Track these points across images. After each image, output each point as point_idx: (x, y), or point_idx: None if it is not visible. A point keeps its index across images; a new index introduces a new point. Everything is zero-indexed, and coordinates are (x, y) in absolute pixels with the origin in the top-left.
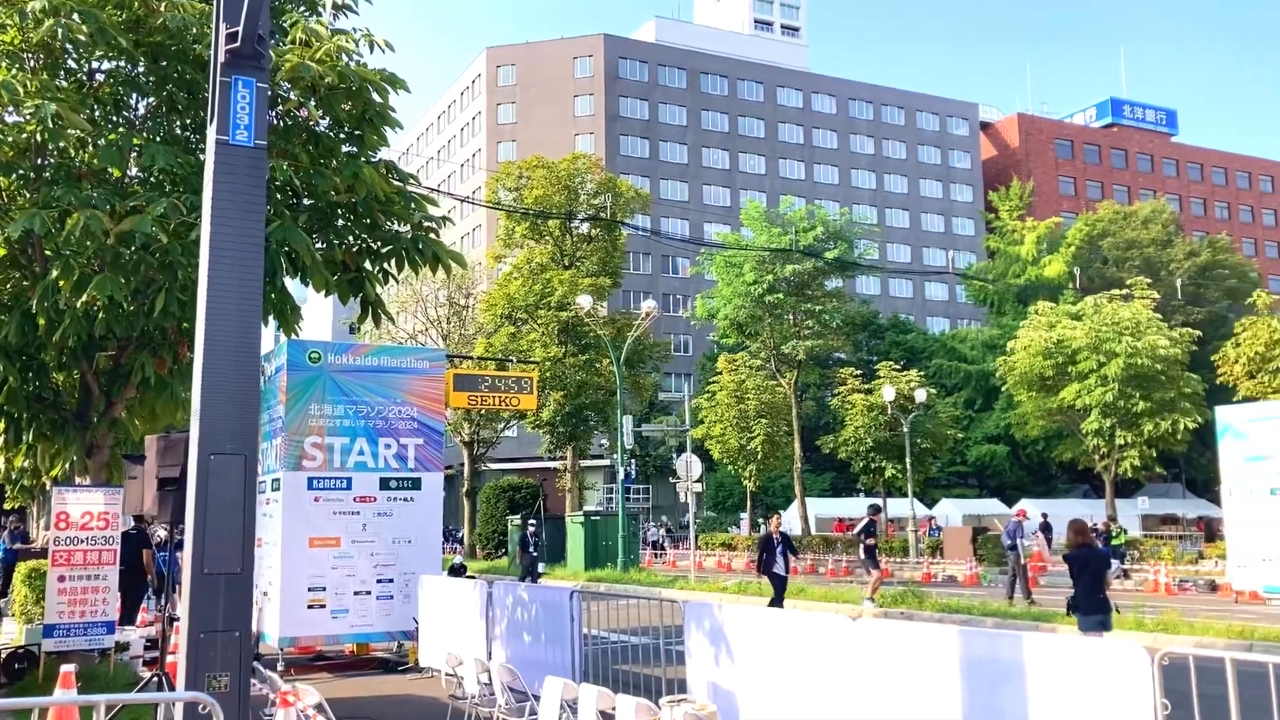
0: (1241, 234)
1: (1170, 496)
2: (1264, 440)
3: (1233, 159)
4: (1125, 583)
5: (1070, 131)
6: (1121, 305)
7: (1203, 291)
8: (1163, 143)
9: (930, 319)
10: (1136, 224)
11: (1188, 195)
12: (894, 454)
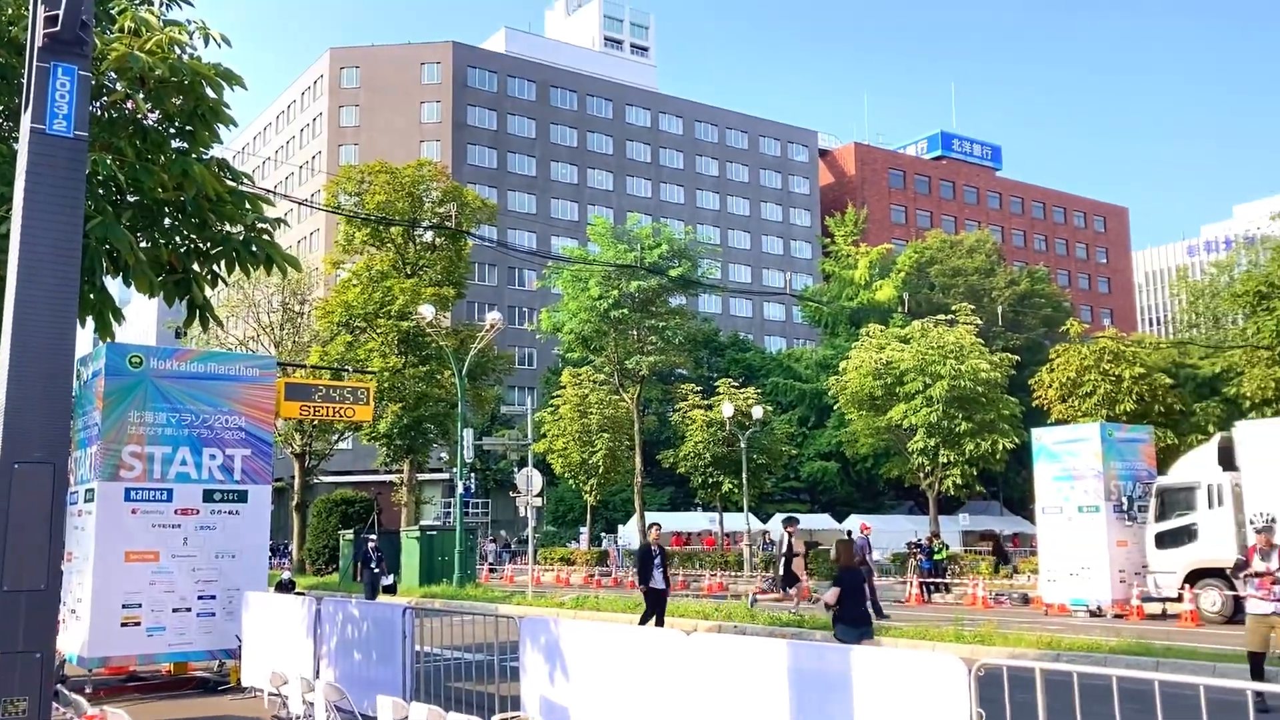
0: (1057, 266)
1: (989, 514)
2: (1073, 461)
3: (1051, 194)
4: (946, 596)
5: (903, 162)
6: (947, 330)
7: (1021, 319)
8: (988, 176)
9: (768, 338)
10: (962, 253)
11: (1010, 227)
12: (731, 469)
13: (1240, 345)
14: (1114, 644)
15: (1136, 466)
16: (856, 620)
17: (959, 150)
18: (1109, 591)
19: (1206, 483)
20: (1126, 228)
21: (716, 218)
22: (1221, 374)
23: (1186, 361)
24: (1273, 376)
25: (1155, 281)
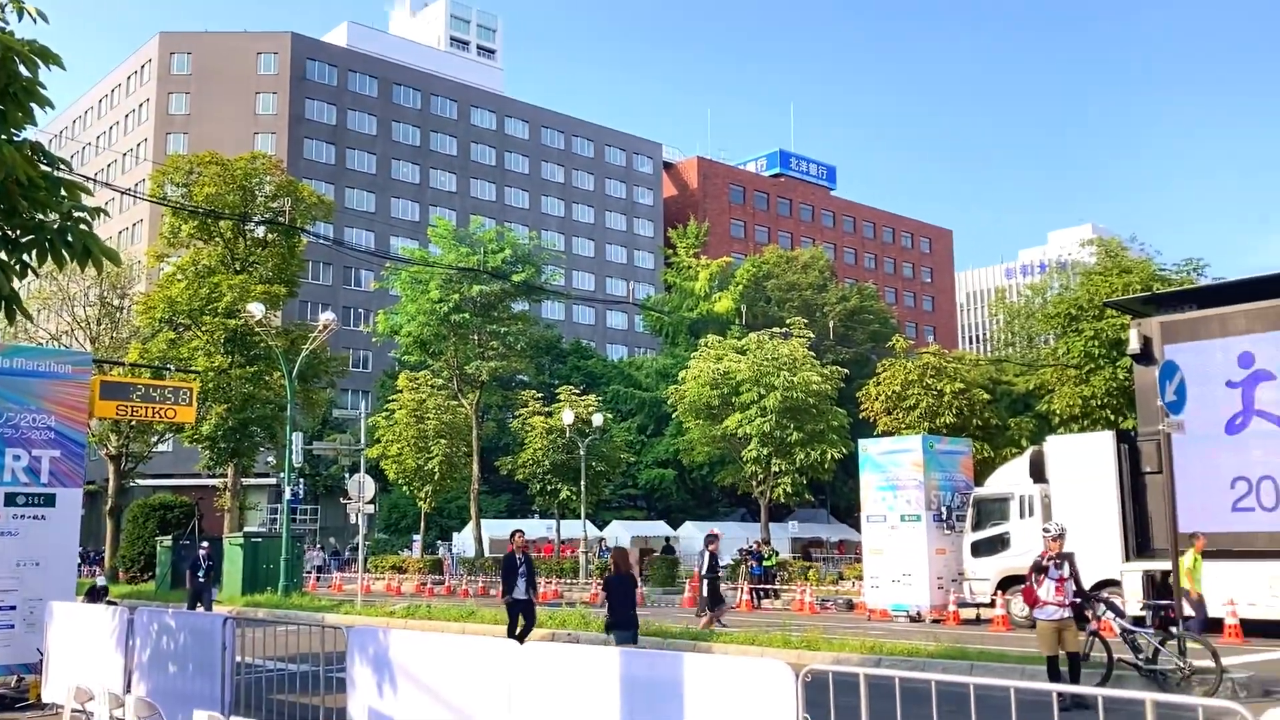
0: (886, 283)
1: (817, 521)
2: (896, 471)
3: (881, 215)
4: (775, 602)
5: (743, 178)
6: (781, 342)
7: (851, 333)
8: (823, 195)
9: (610, 346)
10: (797, 268)
11: (842, 245)
12: (570, 476)
13: (1051, 364)
14: (933, 648)
15: (955, 477)
16: (626, 623)
17: (796, 169)
18: (928, 597)
19: (1019, 494)
20: (950, 249)
21: (561, 224)
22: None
23: (1003, 378)
24: (1080, 394)
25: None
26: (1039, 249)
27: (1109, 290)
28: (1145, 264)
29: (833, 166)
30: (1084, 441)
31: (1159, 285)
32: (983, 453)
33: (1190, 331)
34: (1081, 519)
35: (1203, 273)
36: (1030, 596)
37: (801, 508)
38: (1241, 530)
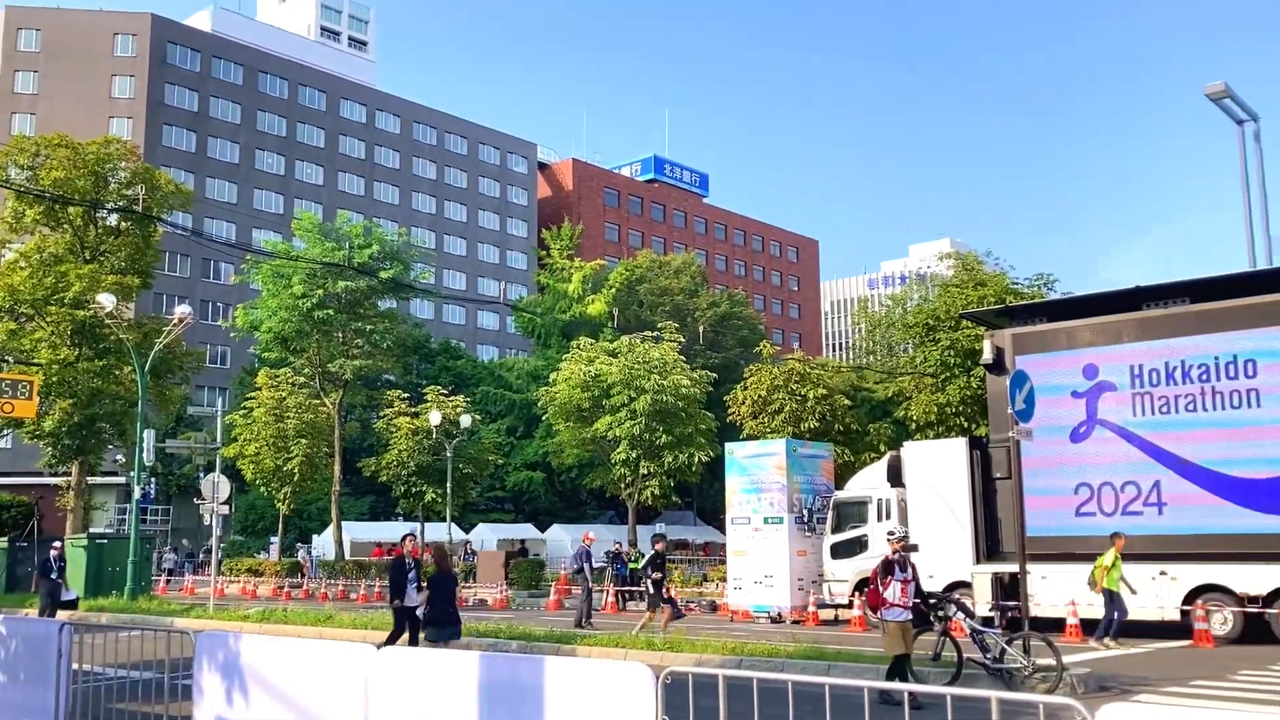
0: (755, 290)
1: (684, 523)
2: (760, 474)
3: (752, 224)
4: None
5: (618, 182)
6: (652, 346)
7: (720, 339)
8: (696, 202)
9: (481, 347)
10: (670, 273)
11: (714, 252)
12: (435, 478)
13: (910, 372)
14: (792, 649)
15: (817, 481)
16: (445, 621)
17: (670, 175)
18: (789, 599)
19: (877, 497)
20: (816, 259)
21: (433, 221)
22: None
23: (864, 385)
24: (936, 401)
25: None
26: (900, 261)
27: (965, 302)
28: (1000, 278)
29: (706, 174)
30: (939, 447)
31: (1012, 298)
32: (843, 457)
33: (1040, 343)
34: (936, 522)
35: (1052, 287)
36: (875, 599)
37: (669, 510)
38: (1083, 534)
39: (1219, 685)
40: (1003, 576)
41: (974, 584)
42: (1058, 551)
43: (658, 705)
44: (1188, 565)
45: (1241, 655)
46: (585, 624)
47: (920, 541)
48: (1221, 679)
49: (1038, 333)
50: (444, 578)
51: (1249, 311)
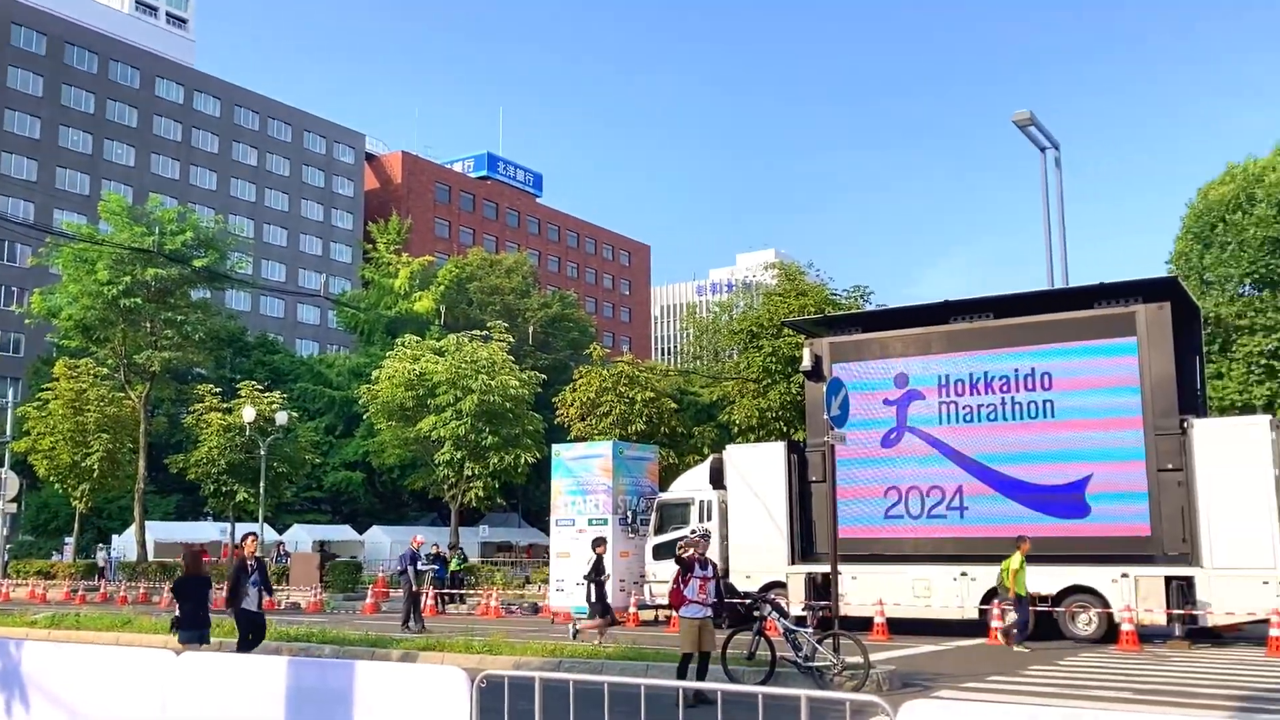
0: (586, 293)
1: (509, 525)
2: (586, 476)
3: (585, 226)
4: (461, 607)
5: (450, 177)
6: (481, 345)
7: (551, 340)
8: (529, 202)
9: (301, 341)
10: (501, 272)
11: (547, 252)
12: (248, 477)
13: (734, 377)
14: (611, 650)
15: (642, 483)
16: (195, 624)
17: (504, 173)
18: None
19: (699, 499)
20: (648, 264)
21: (252, 210)
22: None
23: (690, 389)
24: (758, 406)
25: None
26: (728, 269)
27: (787, 311)
28: (820, 288)
29: (540, 174)
30: (759, 450)
31: (831, 309)
32: (669, 459)
33: (856, 352)
34: (754, 524)
35: (868, 299)
36: (677, 597)
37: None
38: (891, 536)
39: (1012, 680)
40: (816, 577)
41: (789, 584)
42: (867, 553)
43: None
44: (986, 566)
45: (1032, 651)
46: (413, 626)
47: (739, 543)
48: (1014, 675)
49: (854, 342)
50: (195, 580)
51: (1046, 327)
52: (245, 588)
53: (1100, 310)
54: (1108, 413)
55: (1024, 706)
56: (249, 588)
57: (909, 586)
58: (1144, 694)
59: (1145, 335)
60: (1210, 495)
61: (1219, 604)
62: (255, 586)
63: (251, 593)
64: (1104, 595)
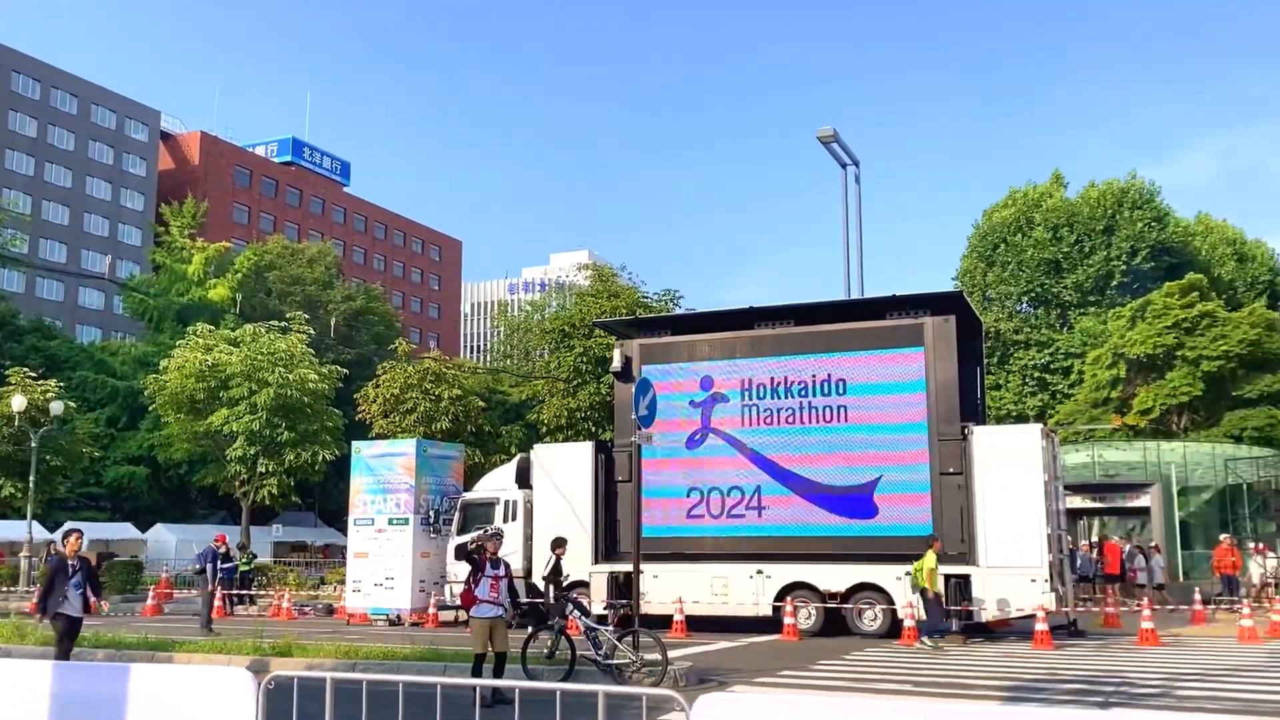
0: (394, 287)
1: (304, 524)
2: (388, 474)
3: (395, 218)
4: (251, 608)
5: (251, 161)
6: (279, 337)
7: (354, 334)
8: (336, 190)
9: (82, 327)
10: (303, 262)
11: (352, 243)
12: (16, 471)
13: (544, 377)
14: (409, 651)
15: (446, 482)
16: None
17: (310, 160)
18: (409, 601)
19: (504, 498)
20: (459, 259)
21: (30, 184)
22: (527, 401)
23: (499, 388)
24: (567, 406)
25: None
26: (542, 268)
27: (599, 312)
28: (632, 291)
29: (348, 162)
30: (566, 450)
31: (642, 311)
32: (474, 458)
33: (664, 355)
34: (560, 523)
35: (678, 303)
36: (469, 597)
37: (289, 510)
38: (693, 535)
39: (802, 674)
40: (619, 576)
41: (592, 583)
42: (669, 552)
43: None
44: (781, 565)
45: (822, 646)
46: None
47: (545, 542)
48: (804, 669)
49: (662, 344)
50: None
51: (842, 335)
52: (65, 590)
53: (892, 321)
54: (896, 418)
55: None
56: (69, 590)
57: (708, 585)
58: (922, 685)
59: (932, 346)
60: (986, 498)
61: (992, 601)
62: (78, 589)
63: (73, 595)
64: (889, 592)
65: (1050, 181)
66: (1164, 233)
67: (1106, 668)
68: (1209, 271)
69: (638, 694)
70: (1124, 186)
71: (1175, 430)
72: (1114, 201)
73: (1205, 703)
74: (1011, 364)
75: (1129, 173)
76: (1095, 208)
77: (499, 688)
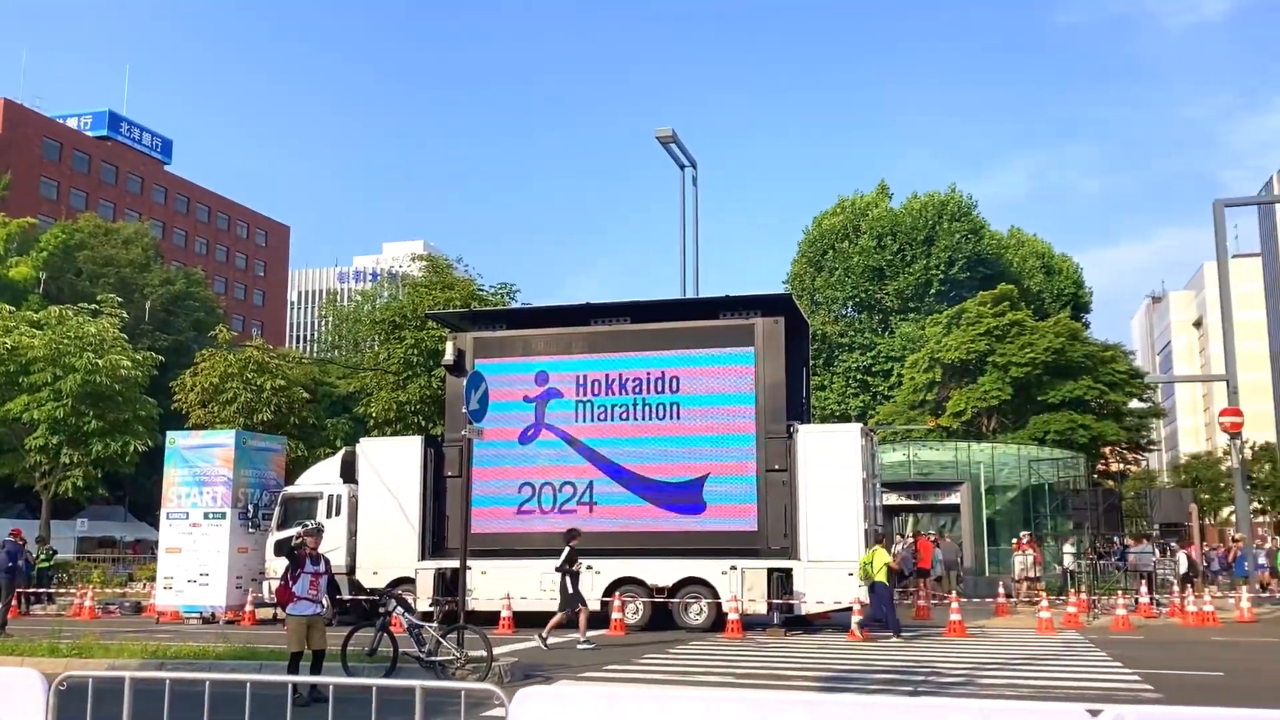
0: (216, 271)
1: (112, 519)
2: (205, 467)
3: (219, 200)
4: (50, 606)
5: (62, 133)
6: (89, 320)
7: (173, 319)
8: (156, 168)
9: None
10: (118, 242)
11: (173, 224)
12: None
13: (373, 369)
14: (222, 650)
15: (266, 475)
16: None
17: (128, 135)
18: (224, 598)
19: (328, 493)
20: (287, 245)
21: None
22: (355, 394)
23: (326, 379)
24: (396, 399)
25: (308, 301)
26: (374, 257)
27: (432, 303)
28: (467, 283)
29: (170, 139)
30: (395, 444)
31: (477, 304)
32: (297, 451)
33: (499, 349)
34: (386, 518)
35: (514, 297)
36: (286, 594)
37: (95, 504)
38: (523, 531)
39: (627, 668)
40: (445, 572)
41: (418, 580)
42: (499, 548)
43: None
44: (610, 560)
45: (648, 640)
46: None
47: (369, 539)
48: (629, 662)
49: (497, 338)
50: None
51: (676, 334)
52: None
53: (724, 321)
54: (725, 416)
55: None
56: None
57: (537, 581)
58: (743, 677)
59: (762, 346)
60: (809, 494)
61: (812, 594)
62: None
63: None
64: (714, 586)
65: (876, 192)
66: (980, 244)
67: (917, 658)
68: (1019, 283)
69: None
70: (944, 199)
71: (985, 432)
72: (934, 213)
73: (1004, 689)
74: (836, 366)
75: (949, 186)
76: (917, 218)
77: (316, 685)
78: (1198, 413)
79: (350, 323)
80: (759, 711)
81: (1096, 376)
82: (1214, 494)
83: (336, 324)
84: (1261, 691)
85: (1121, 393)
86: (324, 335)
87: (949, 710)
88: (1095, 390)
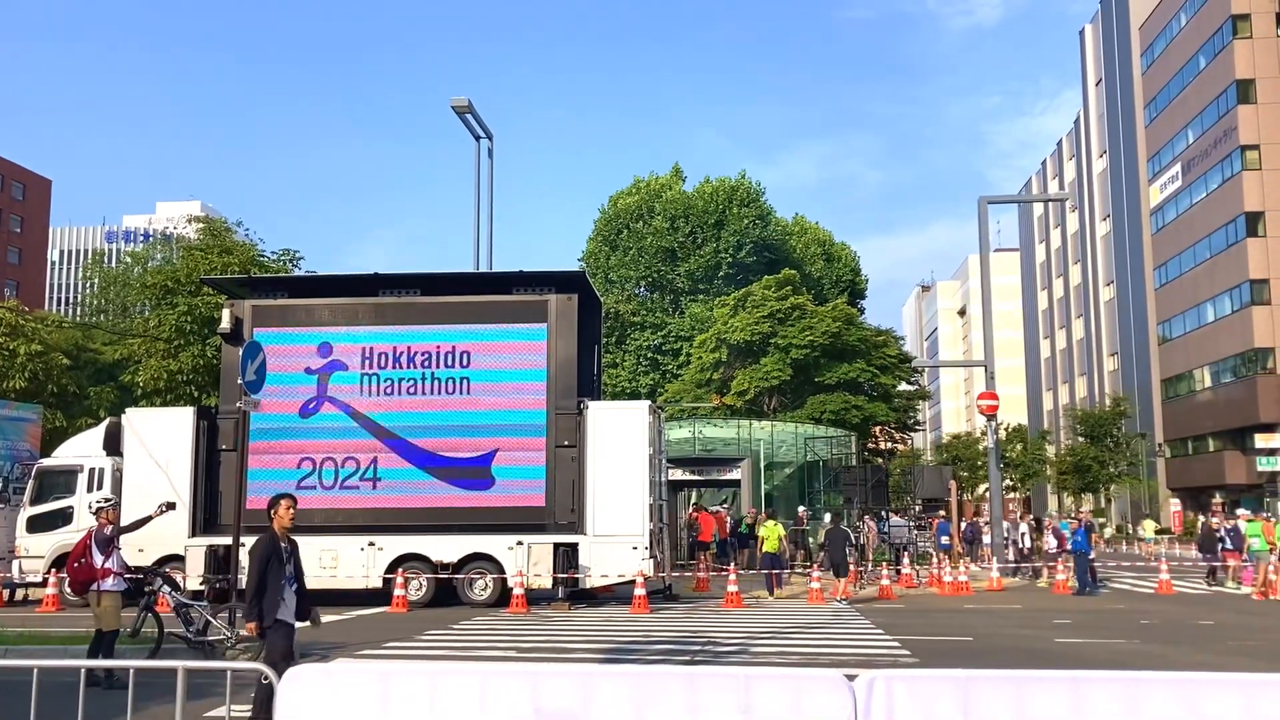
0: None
1: None
2: None
3: None
4: None
5: None
6: None
7: None
8: None
9: None
10: None
11: None
12: None
13: (142, 335)
14: None
15: (19, 447)
16: None
17: None
18: None
19: (89, 466)
20: (48, 201)
21: None
22: (122, 361)
23: (90, 345)
24: (166, 368)
25: (71, 261)
26: (146, 217)
27: (209, 268)
28: (248, 248)
29: None
30: (164, 415)
31: (257, 270)
32: (55, 422)
33: (280, 318)
34: (153, 493)
35: (298, 264)
36: (90, 572)
37: None
38: (302, 507)
39: (408, 644)
40: (218, 549)
41: (188, 557)
42: None
43: None
44: (394, 536)
45: (431, 617)
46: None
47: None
48: (410, 639)
49: (279, 307)
50: None
51: (468, 308)
52: None
53: (518, 296)
54: (516, 392)
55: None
56: None
57: (317, 557)
58: (526, 651)
59: (554, 323)
60: (596, 470)
61: (597, 568)
62: None
63: None
64: (500, 562)
65: (670, 174)
66: (766, 230)
67: (695, 629)
68: (801, 268)
69: (223, 668)
70: (734, 185)
71: (766, 411)
72: (725, 198)
73: (775, 657)
74: (628, 344)
75: (739, 172)
76: (709, 202)
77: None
78: (959, 396)
79: (119, 286)
80: (534, 683)
81: (870, 360)
82: (972, 471)
83: (103, 286)
84: (1001, 652)
85: (892, 376)
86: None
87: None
88: (868, 373)
